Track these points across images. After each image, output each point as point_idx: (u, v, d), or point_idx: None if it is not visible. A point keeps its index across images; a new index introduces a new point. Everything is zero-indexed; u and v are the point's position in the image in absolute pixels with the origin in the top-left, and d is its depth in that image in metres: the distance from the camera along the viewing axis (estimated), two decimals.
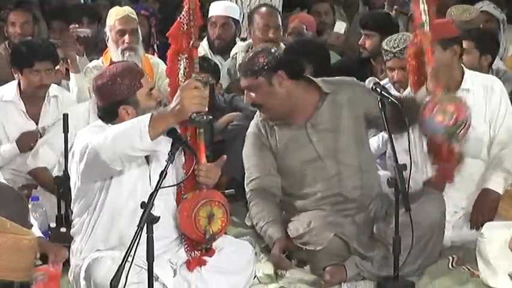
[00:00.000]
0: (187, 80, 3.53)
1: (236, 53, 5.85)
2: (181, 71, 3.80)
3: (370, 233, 4.13)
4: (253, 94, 4.16)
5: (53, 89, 4.97)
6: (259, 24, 5.77)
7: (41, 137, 4.83)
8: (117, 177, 3.59)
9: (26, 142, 4.82)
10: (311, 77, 4.30)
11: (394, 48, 4.77)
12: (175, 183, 3.66)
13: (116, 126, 3.39)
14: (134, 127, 3.27)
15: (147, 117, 3.26)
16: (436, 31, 4.33)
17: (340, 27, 6.47)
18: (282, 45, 5.64)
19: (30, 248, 2.86)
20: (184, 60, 3.74)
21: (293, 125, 4.22)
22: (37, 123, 4.89)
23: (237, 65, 5.63)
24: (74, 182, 3.65)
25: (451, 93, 4.14)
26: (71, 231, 3.80)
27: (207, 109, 3.37)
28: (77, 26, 5.83)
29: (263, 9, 5.90)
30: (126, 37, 5.35)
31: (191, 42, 3.78)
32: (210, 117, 3.44)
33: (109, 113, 3.65)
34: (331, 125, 4.18)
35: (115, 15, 5.44)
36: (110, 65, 4.50)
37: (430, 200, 4.10)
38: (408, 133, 4.10)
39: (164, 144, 3.43)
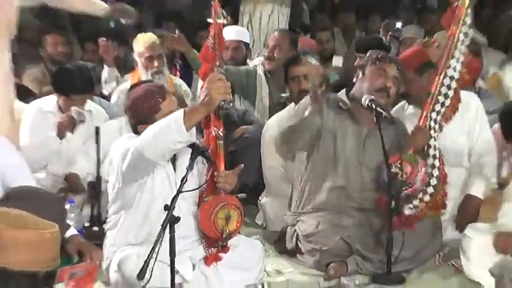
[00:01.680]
0: None
1: (256, 65, 5.93)
2: None
3: (377, 237, 4.24)
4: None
5: (87, 104, 5.16)
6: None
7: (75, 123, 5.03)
8: (150, 181, 3.74)
9: (62, 127, 4.96)
10: None
11: None
12: (195, 188, 3.74)
13: (153, 126, 3.52)
14: (170, 123, 3.42)
15: (181, 112, 3.43)
16: (409, 61, 4.63)
17: (338, 61, 6.77)
18: None
19: (54, 240, 2.76)
20: None
21: (358, 122, 4.40)
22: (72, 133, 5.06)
23: (257, 76, 5.85)
24: (113, 184, 3.80)
25: (418, 156, 4.30)
26: (106, 227, 3.97)
27: (231, 97, 3.57)
28: (104, 39, 6.02)
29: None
30: (155, 62, 5.54)
31: (217, 63, 3.97)
32: (235, 102, 3.65)
33: (134, 130, 3.89)
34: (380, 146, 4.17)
35: (142, 42, 5.59)
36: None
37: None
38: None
39: (188, 154, 3.59)
